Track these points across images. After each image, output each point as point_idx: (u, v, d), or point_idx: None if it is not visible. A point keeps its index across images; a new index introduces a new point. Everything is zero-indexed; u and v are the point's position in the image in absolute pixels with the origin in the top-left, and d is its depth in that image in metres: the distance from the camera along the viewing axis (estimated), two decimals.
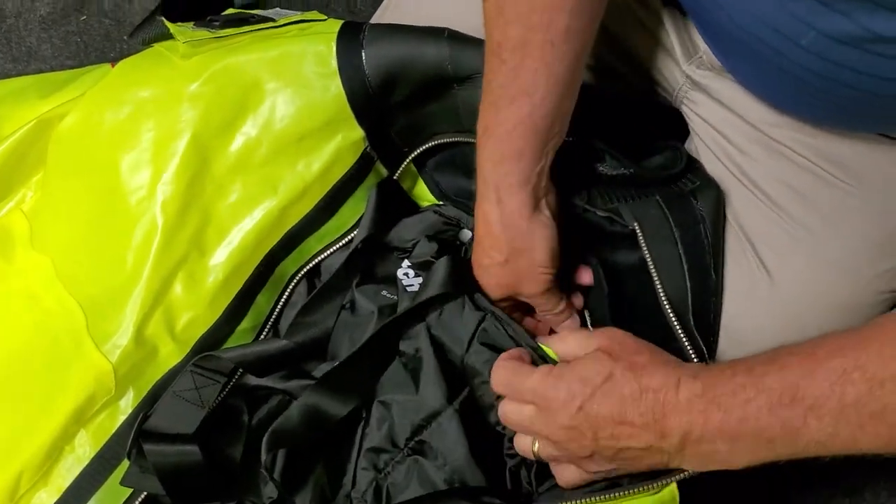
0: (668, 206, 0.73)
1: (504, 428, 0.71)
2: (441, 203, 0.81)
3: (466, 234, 0.79)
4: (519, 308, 0.74)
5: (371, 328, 0.75)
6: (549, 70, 0.64)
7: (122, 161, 0.71)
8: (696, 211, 0.73)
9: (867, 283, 0.71)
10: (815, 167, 0.72)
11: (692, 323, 0.70)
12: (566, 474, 0.65)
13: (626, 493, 0.63)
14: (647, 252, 0.71)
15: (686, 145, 0.80)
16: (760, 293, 0.72)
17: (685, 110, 0.80)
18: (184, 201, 0.71)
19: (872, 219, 0.71)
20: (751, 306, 0.72)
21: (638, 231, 0.71)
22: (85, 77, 0.84)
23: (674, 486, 0.62)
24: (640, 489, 0.62)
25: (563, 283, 0.73)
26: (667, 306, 0.70)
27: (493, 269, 0.70)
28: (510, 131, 0.65)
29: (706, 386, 0.55)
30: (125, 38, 1.13)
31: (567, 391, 0.60)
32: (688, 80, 0.77)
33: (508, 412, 0.65)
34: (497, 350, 0.71)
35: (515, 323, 0.72)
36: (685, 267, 0.71)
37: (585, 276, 0.75)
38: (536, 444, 0.64)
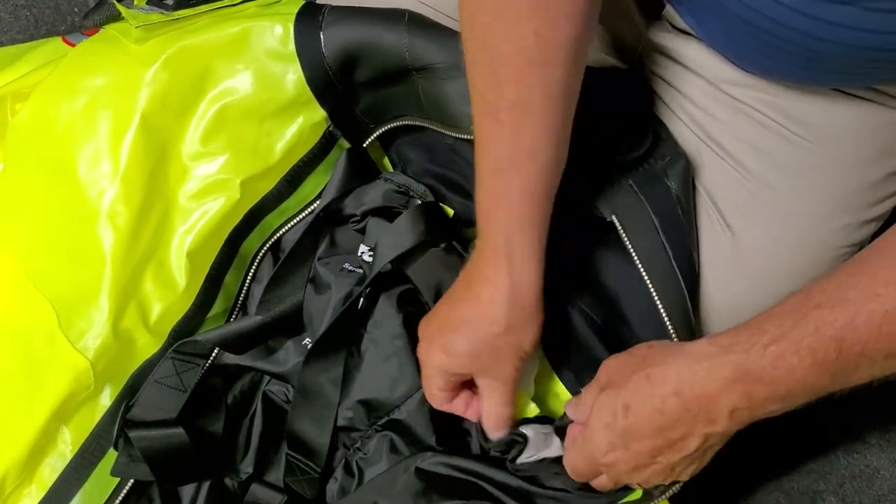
0: (643, 191, 0.70)
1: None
2: (392, 172, 0.80)
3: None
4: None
5: (332, 305, 0.76)
6: (550, 128, 0.60)
7: (81, 154, 0.69)
8: (672, 192, 0.71)
9: (827, 238, 0.73)
10: (775, 124, 0.72)
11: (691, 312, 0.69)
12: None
13: None
14: (629, 245, 0.68)
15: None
16: (724, 251, 0.73)
17: (643, 70, 0.79)
18: (146, 190, 0.70)
19: (831, 175, 0.72)
20: (715, 264, 0.73)
21: (617, 223, 0.69)
22: (36, 51, 0.82)
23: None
24: None
25: None
26: (659, 306, 0.68)
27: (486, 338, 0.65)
28: (522, 197, 0.62)
29: (739, 367, 0.54)
30: (75, 10, 1.10)
31: (595, 453, 0.62)
32: (647, 43, 0.77)
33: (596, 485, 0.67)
34: None
35: None
36: (671, 256, 0.69)
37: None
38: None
